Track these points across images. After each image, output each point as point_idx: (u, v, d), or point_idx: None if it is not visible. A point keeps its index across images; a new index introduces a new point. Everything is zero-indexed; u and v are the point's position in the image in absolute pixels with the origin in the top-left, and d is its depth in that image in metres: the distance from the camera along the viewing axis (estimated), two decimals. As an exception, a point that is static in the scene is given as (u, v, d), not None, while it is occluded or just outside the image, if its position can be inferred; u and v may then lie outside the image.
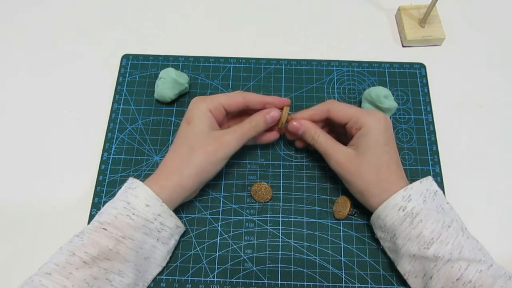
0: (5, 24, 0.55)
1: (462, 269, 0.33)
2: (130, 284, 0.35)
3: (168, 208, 0.37)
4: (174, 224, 0.38)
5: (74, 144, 0.47)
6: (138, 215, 0.35)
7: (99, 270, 0.33)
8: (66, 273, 0.32)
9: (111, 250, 0.33)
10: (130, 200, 0.35)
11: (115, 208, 0.35)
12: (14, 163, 0.46)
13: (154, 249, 0.37)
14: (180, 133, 0.39)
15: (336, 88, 0.50)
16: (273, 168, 0.45)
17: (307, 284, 0.40)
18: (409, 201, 0.36)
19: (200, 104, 0.39)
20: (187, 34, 0.54)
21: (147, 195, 0.36)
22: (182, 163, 0.37)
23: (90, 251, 0.33)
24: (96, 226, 0.34)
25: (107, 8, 0.56)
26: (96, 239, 0.33)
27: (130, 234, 0.34)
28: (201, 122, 0.38)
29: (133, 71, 0.51)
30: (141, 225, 0.35)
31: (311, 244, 0.42)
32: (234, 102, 0.40)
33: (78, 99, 0.50)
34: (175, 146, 0.39)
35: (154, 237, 0.36)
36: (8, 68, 0.52)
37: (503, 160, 0.46)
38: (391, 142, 0.39)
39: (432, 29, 0.52)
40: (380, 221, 0.37)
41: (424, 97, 0.49)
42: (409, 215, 0.35)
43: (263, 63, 0.51)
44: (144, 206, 0.35)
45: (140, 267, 0.36)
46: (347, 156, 0.39)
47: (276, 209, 0.43)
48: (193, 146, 0.37)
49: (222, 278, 0.40)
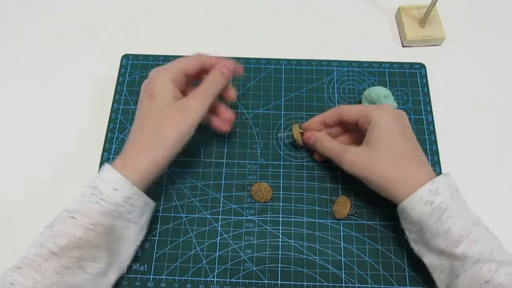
0: (5, 24, 0.55)
1: (492, 272, 0.31)
2: (104, 267, 0.35)
3: (138, 190, 0.35)
4: (143, 202, 0.37)
5: (74, 144, 0.47)
6: (107, 200, 0.33)
7: (70, 259, 0.32)
8: (35, 266, 0.31)
9: (80, 239, 0.32)
10: (97, 185, 0.34)
11: (83, 195, 0.34)
12: (14, 163, 0.46)
13: (125, 230, 0.36)
14: (142, 108, 0.38)
15: (336, 88, 0.50)
16: (273, 168, 0.45)
17: (307, 284, 0.40)
18: (437, 195, 0.34)
19: (162, 75, 0.38)
20: (187, 34, 0.54)
21: (114, 179, 0.34)
22: (151, 140, 0.36)
23: (58, 241, 0.32)
24: (65, 215, 0.33)
25: (107, 8, 0.56)
26: (65, 229, 0.32)
27: (100, 220, 0.33)
28: (164, 94, 0.37)
29: (133, 71, 0.51)
30: (111, 210, 0.33)
31: (311, 244, 0.42)
32: (192, 64, 0.40)
33: (78, 99, 0.50)
34: (141, 122, 0.37)
35: (124, 219, 0.35)
36: (8, 68, 0.52)
37: (504, 160, 0.46)
38: (407, 132, 0.38)
39: (432, 29, 0.52)
40: (406, 214, 0.36)
41: (424, 97, 0.49)
42: (437, 209, 0.33)
43: (263, 63, 0.51)
44: (112, 190, 0.34)
45: (113, 248, 0.35)
46: (359, 154, 0.38)
47: (276, 209, 0.43)
48: (160, 120, 0.36)
49: (222, 278, 0.40)
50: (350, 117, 0.40)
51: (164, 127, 0.36)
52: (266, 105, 0.49)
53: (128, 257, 0.38)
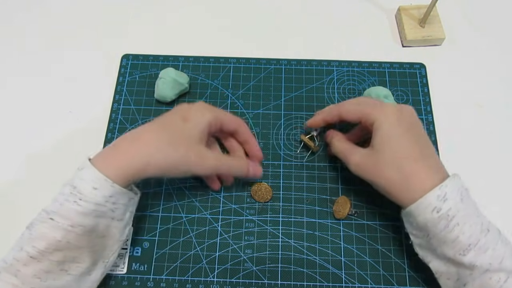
0: (5, 24, 0.55)
1: (501, 281, 0.30)
2: (89, 266, 0.34)
3: (120, 187, 0.33)
4: (127, 198, 0.35)
5: (74, 144, 0.47)
6: (86, 200, 0.31)
7: (50, 263, 0.31)
8: (14, 271, 0.30)
9: (60, 241, 0.31)
10: (76, 183, 0.32)
11: (61, 193, 0.32)
12: (14, 163, 0.46)
13: (109, 228, 0.34)
14: (169, 121, 0.37)
15: (336, 88, 0.50)
16: (273, 168, 0.45)
17: (307, 284, 0.40)
18: (444, 201, 0.32)
19: (205, 111, 0.38)
20: (187, 34, 0.54)
21: (94, 177, 0.32)
22: (156, 150, 0.34)
23: (37, 244, 0.30)
24: (43, 217, 0.32)
25: (107, 8, 0.56)
26: (43, 231, 0.31)
27: (80, 222, 0.31)
28: (197, 128, 0.37)
29: (133, 71, 0.51)
30: (91, 210, 0.31)
31: (311, 244, 0.42)
32: (232, 125, 0.40)
33: (78, 99, 0.50)
34: (158, 128, 0.36)
35: (107, 217, 0.33)
36: (8, 68, 0.52)
37: (504, 160, 0.46)
38: (413, 130, 0.36)
39: (432, 29, 0.52)
40: (411, 219, 0.34)
41: (424, 97, 0.49)
42: (445, 217, 0.32)
43: (263, 63, 0.51)
44: (91, 189, 0.31)
45: (96, 247, 0.34)
46: (363, 156, 0.37)
47: (276, 209, 0.43)
48: (177, 143, 0.35)
49: (222, 278, 0.40)
50: (351, 119, 0.39)
51: (176, 154, 0.35)
52: (266, 105, 0.49)
53: (113, 252, 0.36)
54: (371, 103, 0.38)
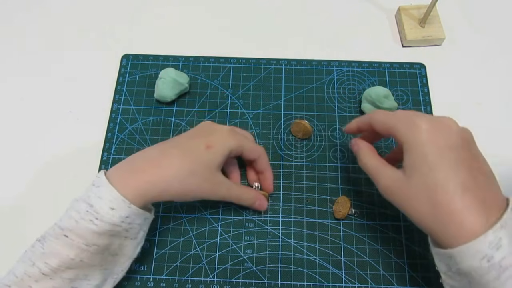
0: (5, 24, 0.55)
1: None
2: (99, 284, 0.33)
3: (136, 208, 0.32)
4: (143, 218, 0.34)
5: (74, 144, 0.47)
6: (103, 220, 0.31)
7: (62, 281, 0.30)
8: (25, 286, 0.29)
9: (73, 260, 0.30)
10: (93, 202, 0.31)
11: (77, 211, 0.31)
12: (14, 163, 0.46)
13: (122, 247, 0.34)
14: (193, 148, 0.36)
15: (336, 88, 0.50)
16: (273, 168, 0.45)
17: (307, 284, 0.40)
18: (498, 248, 0.26)
19: (229, 138, 0.38)
20: (187, 34, 0.54)
21: (111, 197, 0.31)
22: (175, 179, 0.34)
23: (50, 261, 0.30)
24: (57, 232, 0.31)
25: (107, 8, 0.56)
26: (57, 248, 0.30)
27: (94, 241, 0.31)
28: (218, 157, 0.36)
29: (133, 71, 0.51)
30: (107, 230, 0.31)
31: (311, 244, 0.42)
32: (252, 155, 0.40)
33: (78, 99, 0.50)
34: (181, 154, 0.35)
35: (121, 236, 0.33)
36: (8, 68, 0.52)
37: (504, 160, 0.46)
38: (456, 152, 0.30)
39: (432, 29, 0.52)
40: (451, 262, 0.28)
41: (424, 97, 0.49)
42: (496, 268, 0.26)
43: (263, 63, 0.51)
44: (108, 209, 0.31)
45: (108, 265, 0.34)
46: (394, 180, 0.32)
47: (276, 209, 0.43)
48: (196, 172, 0.35)
49: (222, 278, 0.40)
50: (380, 129, 0.35)
51: (191, 181, 0.35)
52: (266, 105, 0.49)
53: (123, 269, 0.36)
54: (403, 117, 0.32)
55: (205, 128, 0.39)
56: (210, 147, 0.36)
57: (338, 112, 0.48)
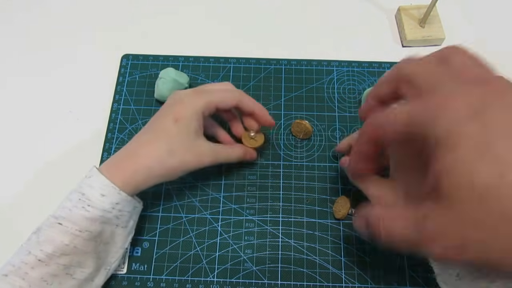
0: (5, 24, 0.55)
1: None
2: (92, 272, 0.34)
3: (126, 195, 0.34)
4: (132, 207, 0.36)
5: (74, 144, 0.47)
6: (94, 206, 0.33)
7: (57, 266, 0.32)
8: (22, 273, 0.31)
9: (67, 246, 0.32)
10: (85, 190, 0.33)
11: (70, 200, 0.33)
12: (14, 163, 0.46)
13: (113, 235, 0.36)
14: (162, 126, 0.36)
15: (336, 88, 0.50)
16: (273, 168, 0.45)
17: (307, 284, 0.40)
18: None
19: (194, 103, 0.37)
20: (187, 34, 0.54)
21: (102, 185, 0.33)
22: (155, 162, 0.35)
23: (45, 248, 0.31)
24: (51, 222, 0.33)
25: (107, 8, 0.56)
26: (52, 235, 0.32)
27: (87, 227, 0.32)
28: (190, 125, 0.36)
29: (133, 71, 0.51)
30: (98, 216, 0.33)
31: (311, 244, 0.42)
32: (229, 102, 0.38)
33: (78, 99, 0.50)
34: (154, 139, 0.36)
35: (112, 224, 0.35)
36: (8, 68, 0.52)
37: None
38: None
39: (432, 29, 0.52)
40: None
41: (424, 97, 0.49)
42: None
43: (263, 63, 0.51)
44: (99, 196, 0.33)
45: (101, 253, 0.35)
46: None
47: (276, 209, 0.43)
48: (174, 150, 0.35)
49: (222, 278, 0.40)
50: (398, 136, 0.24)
51: (173, 159, 0.35)
52: (266, 105, 0.49)
53: (115, 260, 0.37)
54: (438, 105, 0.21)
55: (170, 101, 0.38)
56: (178, 119, 0.36)
57: (338, 112, 0.48)
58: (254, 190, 0.44)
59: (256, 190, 0.44)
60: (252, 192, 0.44)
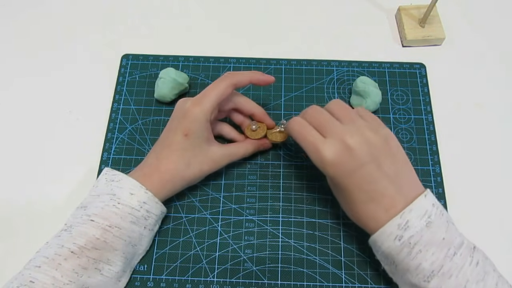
0: (5, 25, 0.55)
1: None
2: (119, 272, 0.36)
3: (153, 195, 0.37)
4: (160, 211, 0.39)
5: (74, 144, 0.47)
6: (123, 203, 0.35)
7: (88, 260, 0.33)
8: (55, 264, 0.32)
9: (98, 239, 0.34)
10: (115, 191, 0.36)
11: (101, 201, 0.36)
12: (14, 163, 0.46)
13: (141, 237, 0.38)
14: (176, 141, 0.38)
15: (336, 88, 0.50)
16: (273, 168, 0.45)
17: (307, 284, 0.40)
18: (405, 229, 0.31)
19: (198, 113, 0.38)
20: (187, 34, 0.54)
21: (131, 185, 0.36)
22: (177, 177, 0.38)
23: (78, 241, 0.33)
24: (84, 219, 0.35)
25: (107, 8, 0.56)
26: (84, 230, 0.34)
27: (117, 223, 0.35)
28: (201, 137, 0.38)
29: (133, 71, 0.51)
30: (127, 213, 0.35)
31: (311, 244, 0.42)
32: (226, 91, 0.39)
33: (78, 99, 0.50)
34: (170, 154, 0.38)
35: (141, 225, 0.37)
36: (8, 68, 0.52)
37: (504, 160, 0.46)
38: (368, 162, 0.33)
39: (432, 29, 0.52)
40: (377, 247, 0.34)
41: (424, 97, 0.49)
42: (407, 245, 0.31)
43: (263, 63, 0.51)
44: (128, 194, 0.36)
45: (129, 254, 0.37)
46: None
47: (276, 209, 0.43)
48: (190, 163, 0.39)
49: (222, 278, 0.40)
50: None
51: (192, 170, 0.39)
52: (266, 105, 0.49)
53: (137, 262, 0.40)
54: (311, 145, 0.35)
55: (178, 114, 0.39)
56: (188, 134, 0.38)
57: (338, 112, 0.48)
58: (254, 190, 0.44)
59: (256, 190, 0.44)
60: (252, 192, 0.44)
